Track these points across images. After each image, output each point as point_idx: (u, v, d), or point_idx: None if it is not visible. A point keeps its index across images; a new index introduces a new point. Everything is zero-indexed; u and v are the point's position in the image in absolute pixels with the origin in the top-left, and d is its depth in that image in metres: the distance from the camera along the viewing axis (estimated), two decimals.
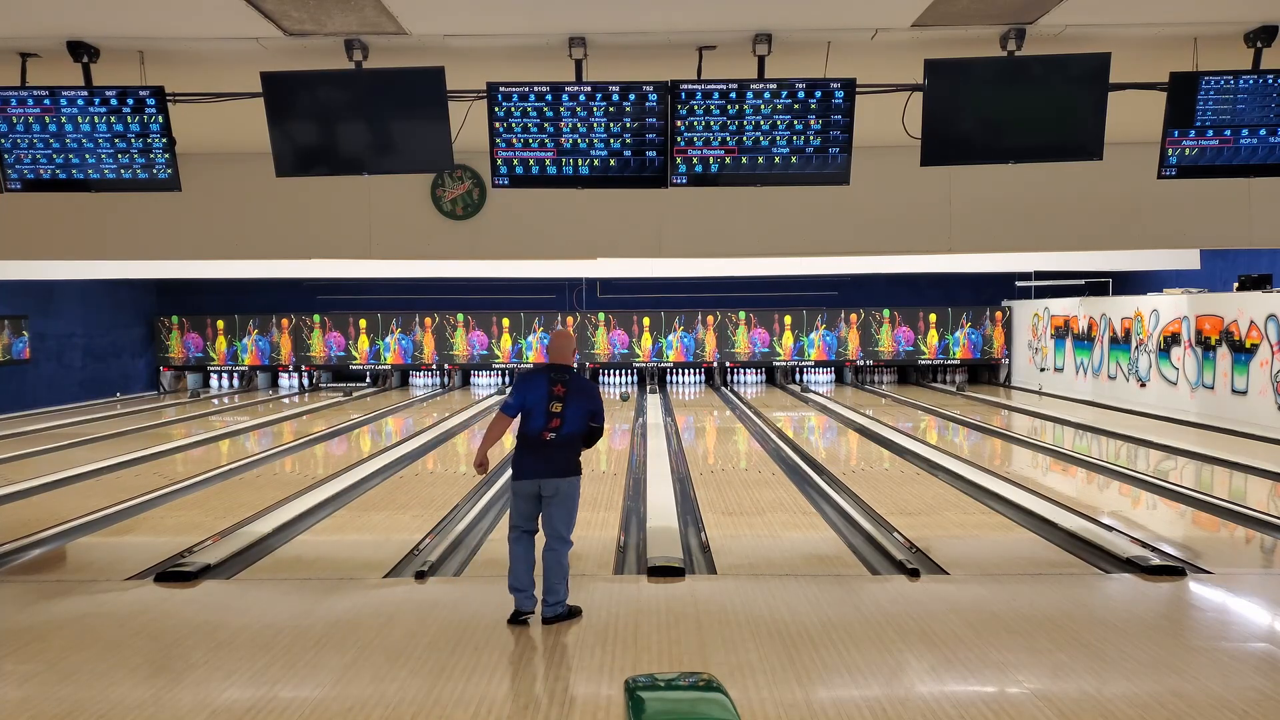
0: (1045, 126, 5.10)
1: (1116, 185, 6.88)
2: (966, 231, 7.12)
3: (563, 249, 7.45)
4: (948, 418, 15.12)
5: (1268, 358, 12.74)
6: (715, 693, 3.29)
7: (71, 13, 4.65)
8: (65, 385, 18.16)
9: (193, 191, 5.79)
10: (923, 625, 5.11)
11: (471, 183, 7.10)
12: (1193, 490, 8.84)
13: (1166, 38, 5.04)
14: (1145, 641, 4.89)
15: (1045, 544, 7.05)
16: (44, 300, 17.53)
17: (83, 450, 12.14)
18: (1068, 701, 4.15)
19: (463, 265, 15.75)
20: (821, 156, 5.20)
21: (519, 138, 5.21)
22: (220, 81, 5.37)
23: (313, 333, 21.08)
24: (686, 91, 5.09)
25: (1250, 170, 5.21)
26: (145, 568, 6.41)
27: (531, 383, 5.26)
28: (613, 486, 9.31)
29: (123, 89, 5.16)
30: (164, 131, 5.23)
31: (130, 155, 5.28)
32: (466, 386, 21.19)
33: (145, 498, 8.86)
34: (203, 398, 19.95)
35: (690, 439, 13.21)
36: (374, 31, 4.86)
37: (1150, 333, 15.67)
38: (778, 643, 4.86)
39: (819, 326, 20.79)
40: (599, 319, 20.75)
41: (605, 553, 6.80)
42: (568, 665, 4.62)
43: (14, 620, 5.39)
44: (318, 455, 12.25)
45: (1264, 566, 7.04)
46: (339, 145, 5.25)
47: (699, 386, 20.82)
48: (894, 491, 8.98)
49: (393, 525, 7.91)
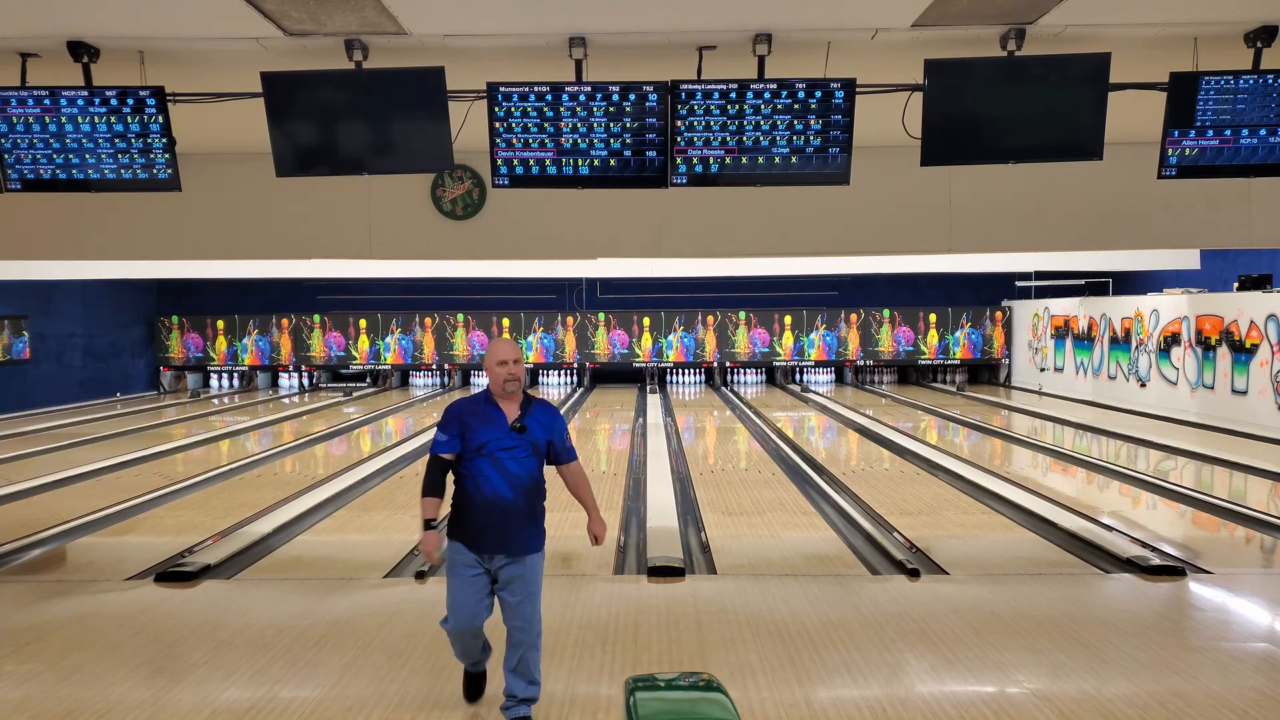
0: (1045, 126, 5.10)
1: (1116, 185, 6.88)
2: (966, 231, 7.12)
3: (563, 249, 7.45)
4: (948, 418, 15.12)
5: (1268, 358, 12.74)
6: (715, 693, 3.29)
7: (71, 13, 4.65)
8: (65, 385, 18.15)
9: (193, 191, 5.79)
10: (923, 625, 5.10)
11: (471, 183, 7.10)
12: (1193, 490, 8.84)
13: (1166, 38, 5.04)
14: (1145, 641, 4.88)
15: (1045, 544, 7.05)
16: (44, 300, 17.53)
17: (83, 450, 12.14)
18: (1068, 701, 4.15)
19: (463, 265, 15.75)
20: (821, 156, 5.20)
21: (519, 138, 5.21)
22: (220, 81, 5.37)
23: (313, 333, 21.08)
24: (686, 91, 5.09)
25: (1250, 170, 5.21)
26: (145, 568, 6.41)
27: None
28: (613, 486, 9.31)
29: (123, 89, 5.16)
30: (164, 131, 5.23)
31: (130, 155, 5.28)
32: (466, 386, 21.18)
33: (145, 498, 8.86)
34: (203, 398, 19.95)
35: (690, 439, 13.21)
36: (374, 31, 4.86)
37: (1150, 333, 15.67)
38: (778, 643, 4.86)
39: (819, 326, 20.79)
40: (599, 319, 20.75)
41: (605, 553, 6.79)
42: (568, 665, 4.62)
43: (14, 620, 5.38)
44: (318, 455, 12.24)
45: (1264, 566, 7.04)
46: (339, 145, 5.24)
47: (699, 386, 20.81)
48: (894, 491, 8.98)
49: (393, 525, 7.91)
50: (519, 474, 3.99)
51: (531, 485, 4.03)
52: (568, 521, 8.20)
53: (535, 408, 4.09)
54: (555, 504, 4.16)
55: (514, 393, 4.05)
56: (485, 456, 3.97)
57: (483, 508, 3.96)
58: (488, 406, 4.04)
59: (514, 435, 4.00)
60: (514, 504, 3.97)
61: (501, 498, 3.96)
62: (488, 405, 4.05)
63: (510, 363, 4.02)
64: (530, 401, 4.11)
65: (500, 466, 3.98)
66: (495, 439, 3.98)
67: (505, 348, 4.05)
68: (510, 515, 3.97)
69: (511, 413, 4.04)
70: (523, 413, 4.05)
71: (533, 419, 4.05)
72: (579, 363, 20.79)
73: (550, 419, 4.12)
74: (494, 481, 3.97)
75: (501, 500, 3.96)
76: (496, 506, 3.96)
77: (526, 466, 4.01)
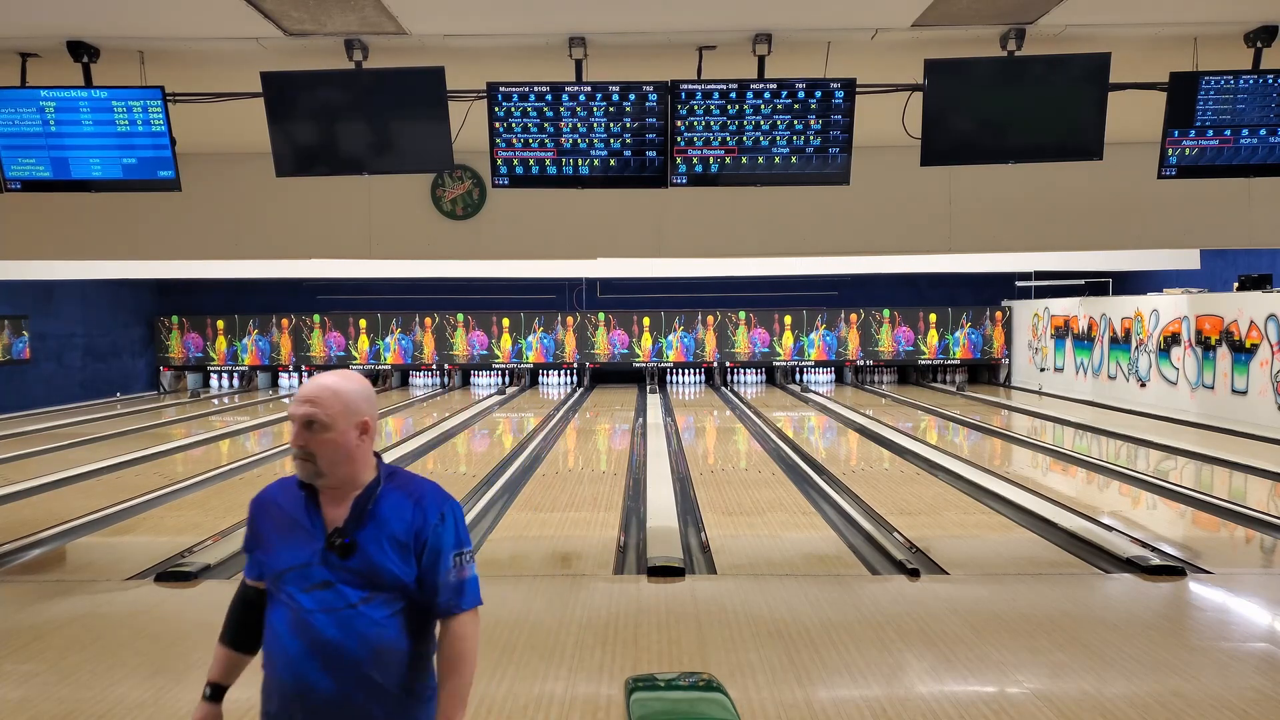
0: (1045, 126, 5.10)
1: (1116, 185, 6.88)
2: (966, 231, 7.12)
3: (563, 249, 7.44)
4: (948, 418, 15.11)
5: (1268, 358, 12.74)
6: (715, 693, 3.29)
7: (71, 13, 4.65)
8: (65, 385, 18.15)
9: (193, 191, 5.79)
10: (923, 625, 5.10)
11: (471, 183, 7.10)
12: (1193, 490, 8.84)
13: (1166, 38, 5.04)
14: (1145, 641, 4.88)
15: (1045, 544, 7.05)
16: (44, 300, 17.53)
17: (83, 450, 12.14)
18: (1068, 701, 4.15)
19: (463, 265, 15.75)
20: (821, 156, 5.20)
21: (519, 138, 5.21)
22: (220, 81, 5.37)
23: (313, 333, 21.08)
24: (686, 91, 5.09)
25: (1250, 170, 5.21)
26: (145, 568, 6.41)
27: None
28: (613, 486, 9.31)
29: (123, 89, 5.16)
30: (164, 132, 5.23)
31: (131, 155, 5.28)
32: (466, 387, 21.18)
33: (145, 498, 8.85)
34: (203, 398, 19.95)
35: (690, 439, 13.20)
36: (374, 31, 4.86)
37: (1150, 333, 15.67)
38: (778, 643, 4.86)
39: (819, 326, 20.79)
40: (599, 319, 20.74)
41: (605, 553, 6.79)
42: (567, 665, 4.62)
43: (14, 620, 5.38)
44: None
45: (1264, 566, 7.04)
46: (339, 145, 5.24)
47: (699, 386, 20.81)
48: (894, 491, 8.98)
49: None
50: (338, 640, 2.16)
51: (374, 659, 2.18)
52: (568, 521, 8.25)
53: (385, 503, 2.24)
54: (555, 504, 4.15)
55: (323, 481, 2.24)
56: (282, 600, 2.22)
57: (278, 693, 2.22)
58: (297, 502, 2.28)
59: (330, 560, 2.18)
60: (331, 697, 2.16)
61: (303, 681, 2.17)
62: (297, 500, 2.28)
63: (299, 425, 2.21)
64: (376, 494, 2.24)
65: (300, 621, 2.18)
66: (296, 567, 2.21)
67: (304, 391, 2.26)
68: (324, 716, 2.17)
69: (335, 514, 2.23)
70: (356, 515, 2.21)
71: (376, 529, 2.20)
72: (579, 363, 20.79)
73: (419, 524, 2.22)
74: (288, 648, 2.19)
75: (303, 685, 2.17)
76: (297, 696, 2.18)
77: (358, 626, 2.17)
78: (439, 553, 2.23)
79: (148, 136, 5.22)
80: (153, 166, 5.29)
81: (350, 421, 2.23)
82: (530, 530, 7.58)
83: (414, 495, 2.27)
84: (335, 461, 2.22)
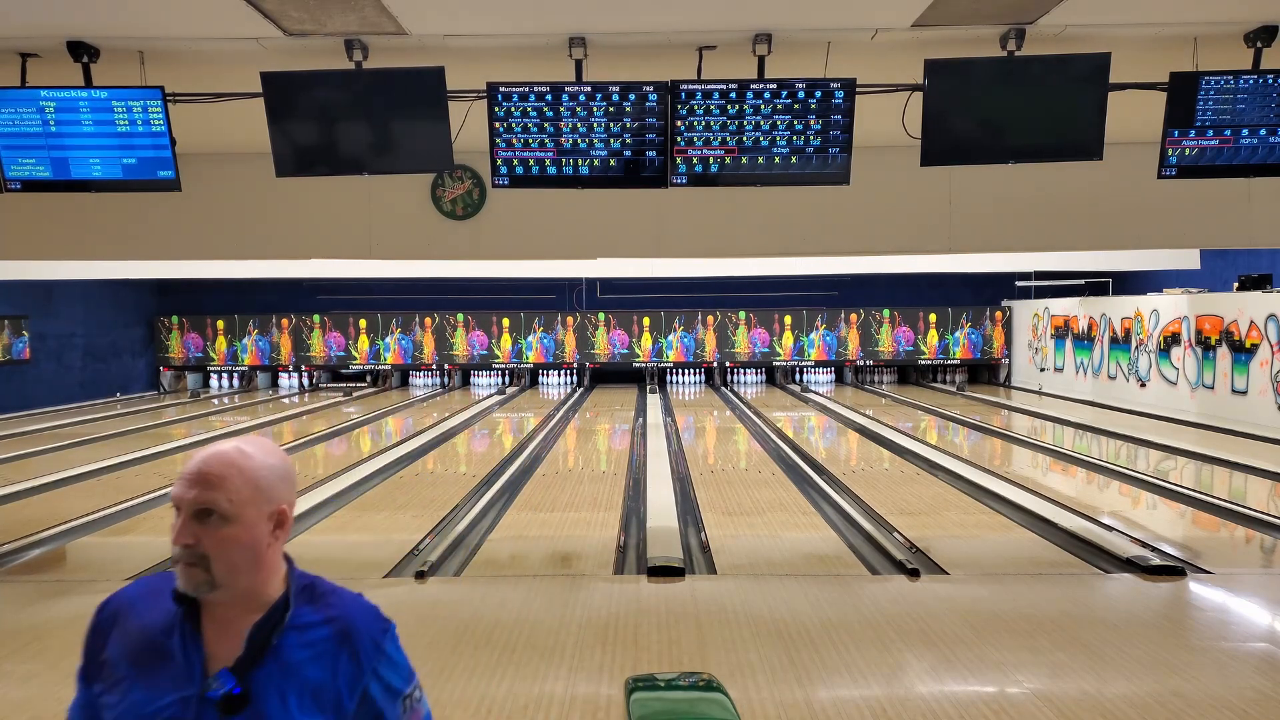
0: (1045, 126, 5.10)
1: (1116, 185, 6.88)
2: (966, 231, 7.12)
3: (563, 249, 7.45)
4: (948, 418, 15.11)
5: (1268, 358, 12.74)
6: (715, 693, 3.29)
7: (71, 13, 4.65)
8: (65, 385, 18.15)
9: (193, 191, 5.79)
10: (923, 625, 5.10)
11: (471, 183, 7.10)
12: (1193, 490, 8.84)
13: (1166, 38, 5.04)
14: (1145, 641, 4.88)
15: (1045, 544, 7.05)
16: (44, 300, 17.53)
17: (83, 450, 12.14)
18: (1068, 701, 4.15)
19: (463, 265, 15.74)
20: (821, 156, 5.20)
21: (519, 138, 5.21)
22: (220, 81, 5.37)
23: (313, 333, 21.08)
24: (686, 91, 5.09)
25: (1250, 170, 5.21)
26: (145, 568, 6.40)
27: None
28: (613, 486, 9.31)
29: (123, 89, 5.16)
30: (164, 132, 5.23)
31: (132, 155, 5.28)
32: (466, 386, 21.18)
33: (145, 498, 8.85)
34: (203, 398, 19.95)
35: (690, 439, 13.21)
36: (374, 31, 4.86)
37: (1150, 333, 15.67)
38: (778, 643, 4.86)
39: (819, 326, 20.79)
40: (599, 319, 20.74)
41: (605, 553, 6.79)
42: (568, 665, 4.62)
43: (14, 620, 5.38)
44: (318, 455, 12.24)
45: (1264, 566, 7.04)
46: (339, 145, 5.24)
47: (699, 386, 20.81)
48: (894, 491, 8.98)
49: (393, 525, 7.90)
50: None
51: None
52: (568, 521, 8.25)
53: (296, 638, 1.60)
54: (555, 503, 4.16)
55: (213, 595, 1.59)
56: None
57: None
58: (167, 620, 1.62)
59: (206, 717, 1.53)
60: None
61: None
62: (168, 617, 1.62)
63: (187, 515, 1.57)
64: (283, 621, 1.61)
65: None
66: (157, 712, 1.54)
67: (197, 464, 1.59)
68: None
69: (222, 646, 1.58)
70: (253, 651, 1.57)
71: (281, 674, 1.57)
72: (579, 363, 20.79)
73: (351, 674, 1.60)
74: None
75: None
76: None
77: None
78: (386, 708, 1.61)
79: (148, 136, 5.22)
80: (153, 166, 5.29)
81: (262, 511, 1.59)
82: (530, 530, 7.58)
83: (339, 624, 1.60)
84: (235, 568, 1.55)
